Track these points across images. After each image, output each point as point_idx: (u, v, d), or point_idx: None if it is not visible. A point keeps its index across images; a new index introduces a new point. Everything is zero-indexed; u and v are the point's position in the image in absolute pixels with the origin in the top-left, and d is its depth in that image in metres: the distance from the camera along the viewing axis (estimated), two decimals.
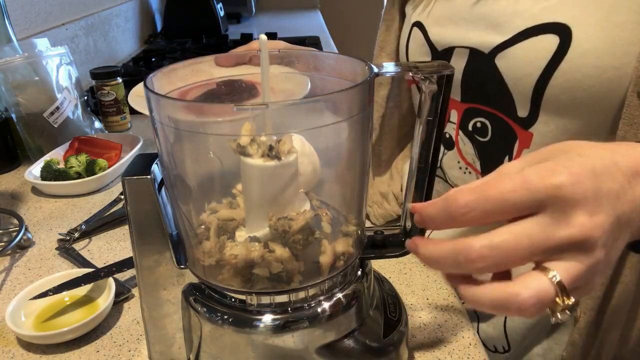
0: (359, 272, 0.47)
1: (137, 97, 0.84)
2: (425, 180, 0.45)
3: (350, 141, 0.43)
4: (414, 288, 0.63)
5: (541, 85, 0.49)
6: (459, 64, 0.56)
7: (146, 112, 0.45)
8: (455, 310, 0.59)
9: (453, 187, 0.63)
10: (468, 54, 0.55)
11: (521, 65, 0.49)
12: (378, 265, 0.66)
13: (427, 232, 0.70)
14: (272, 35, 1.94)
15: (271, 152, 0.39)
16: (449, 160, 0.62)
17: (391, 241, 0.49)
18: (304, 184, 0.42)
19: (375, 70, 0.41)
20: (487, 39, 0.52)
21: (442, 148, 0.62)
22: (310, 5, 2.95)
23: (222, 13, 2.20)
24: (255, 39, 1.97)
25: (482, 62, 0.53)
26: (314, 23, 2.51)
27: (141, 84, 0.90)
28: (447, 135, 0.61)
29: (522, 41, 0.49)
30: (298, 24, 2.51)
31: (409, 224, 0.48)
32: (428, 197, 0.46)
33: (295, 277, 0.41)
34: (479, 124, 0.56)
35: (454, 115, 0.60)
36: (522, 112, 0.52)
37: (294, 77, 0.47)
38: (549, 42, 0.47)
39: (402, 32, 0.68)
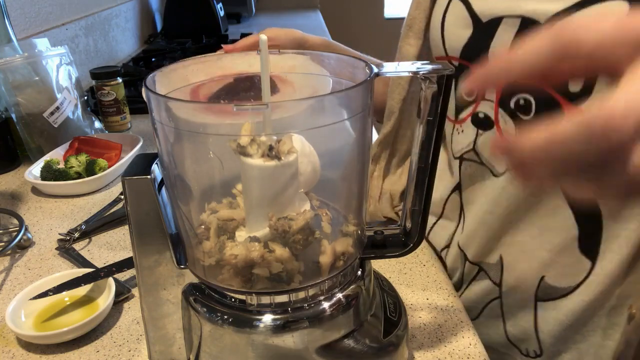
0: (359, 272, 0.47)
1: None
2: (426, 180, 0.45)
3: (350, 141, 0.43)
4: (414, 288, 0.63)
5: None
6: (505, 35, 0.53)
7: None
8: (455, 310, 0.59)
9: (490, 168, 0.59)
10: (519, 24, 0.52)
11: None
12: (378, 265, 0.66)
13: (427, 231, 0.70)
14: None
15: (271, 152, 0.39)
16: (485, 139, 0.59)
17: (391, 241, 0.49)
18: (304, 184, 0.42)
19: (375, 70, 0.41)
20: (542, 7, 0.49)
21: (475, 129, 0.59)
22: (310, 5, 2.95)
23: (222, 13, 2.20)
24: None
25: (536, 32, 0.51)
26: (314, 23, 2.51)
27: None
28: (482, 115, 0.58)
29: (585, 8, 0.46)
30: (298, 24, 2.51)
31: (409, 224, 0.48)
32: (428, 197, 0.46)
33: (295, 277, 0.41)
34: (522, 101, 0.53)
35: (490, 93, 0.57)
36: (575, 86, 0.49)
37: (318, 77, 0.47)
38: (618, 9, 0.44)
39: (437, 7, 0.64)
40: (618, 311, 0.56)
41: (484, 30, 0.56)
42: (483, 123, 0.59)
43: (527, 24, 0.51)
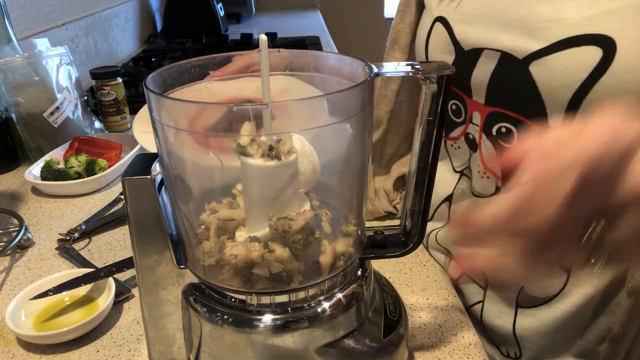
0: (359, 272, 0.47)
1: (142, 133, 0.82)
2: (425, 180, 0.45)
3: (350, 141, 0.43)
4: (414, 288, 0.63)
5: (579, 98, 0.47)
6: (487, 66, 0.54)
7: (152, 149, 0.44)
8: (455, 310, 0.59)
9: (473, 192, 0.62)
10: (499, 58, 0.53)
11: (559, 75, 0.48)
12: (378, 265, 0.66)
13: (428, 231, 0.70)
14: (272, 35, 1.94)
15: (271, 152, 0.39)
16: (472, 163, 0.61)
17: (391, 241, 0.49)
18: (304, 184, 0.42)
19: (375, 70, 0.41)
20: (521, 44, 0.50)
21: (468, 149, 0.61)
22: (310, 5, 2.95)
23: (222, 13, 2.20)
24: (255, 39, 1.97)
25: (514, 67, 0.51)
26: (314, 23, 2.51)
27: (142, 112, 0.87)
28: (471, 137, 0.60)
29: (561, 50, 0.48)
30: (298, 24, 2.51)
31: (408, 224, 0.48)
32: (428, 197, 0.46)
33: (295, 277, 0.41)
34: (503, 129, 0.55)
35: (476, 118, 0.59)
36: (555, 122, 0.50)
37: (313, 99, 0.46)
38: (592, 54, 0.46)
39: (421, 26, 0.65)
40: (596, 331, 0.57)
41: (465, 59, 0.57)
42: (471, 144, 0.61)
43: (506, 59, 0.52)
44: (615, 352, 0.53)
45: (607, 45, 0.45)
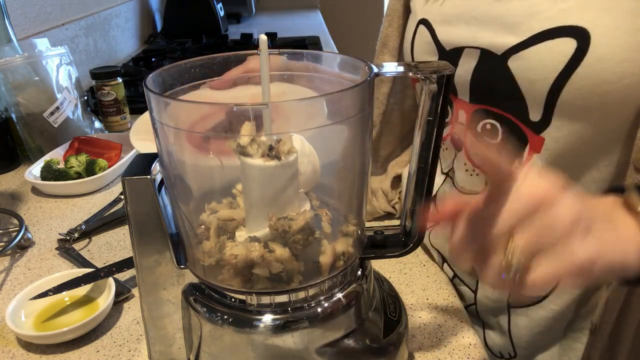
0: (359, 272, 0.47)
1: (140, 140, 0.81)
2: (425, 180, 0.45)
3: (350, 141, 0.43)
4: (414, 288, 0.63)
5: (556, 90, 0.48)
6: (468, 64, 0.55)
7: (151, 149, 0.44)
8: (455, 310, 0.59)
9: (458, 189, 0.62)
10: (479, 55, 0.53)
11: (536, 68, 0.48)
12: (378, 265, 0.66)
13: (427, 232, 0.70)
14: (272, 35, 1.94)
15: (271, 152, 0.39)
16: (457, 161, 0.61)
17: (391, 241, 0.49)
18: (304, 184, 0.42)
19: (375, 70, 0.41)
20: (500, 40, 0.51)
21: (453, 150, 0.61)
22: (310, 5, 2.95)
23: (222, 13, 2.20)
24: (255, 39, 1.97)
25: (493, 63, 0.52)
26: (314, 23, 2.51)
27: (142, 118, 0.86)
28: (456, 136, 0.60)
29: (537, 43, 0.48)
30: (298, 24, 2.51)
31: (408, 224, 0.48)
32: (428, 197, 0.46)
33: (295, 277, 0.41)
34: (488, 126, 0.55)
35: (462, 116, 0.59)
36: (535, 116, 0.51)
37: (313, 100, 0.46)
38: (566, 46, 0.46)
39: (407, 29, 0.66)
40: (581, 324, 0.57)
41: (448, 59, 0.57)
42: (456, 143, 0.61)
43: (486, 56, 0.53)
44: (593, 343, 0.54)
45: (581, 36, 0.46)
